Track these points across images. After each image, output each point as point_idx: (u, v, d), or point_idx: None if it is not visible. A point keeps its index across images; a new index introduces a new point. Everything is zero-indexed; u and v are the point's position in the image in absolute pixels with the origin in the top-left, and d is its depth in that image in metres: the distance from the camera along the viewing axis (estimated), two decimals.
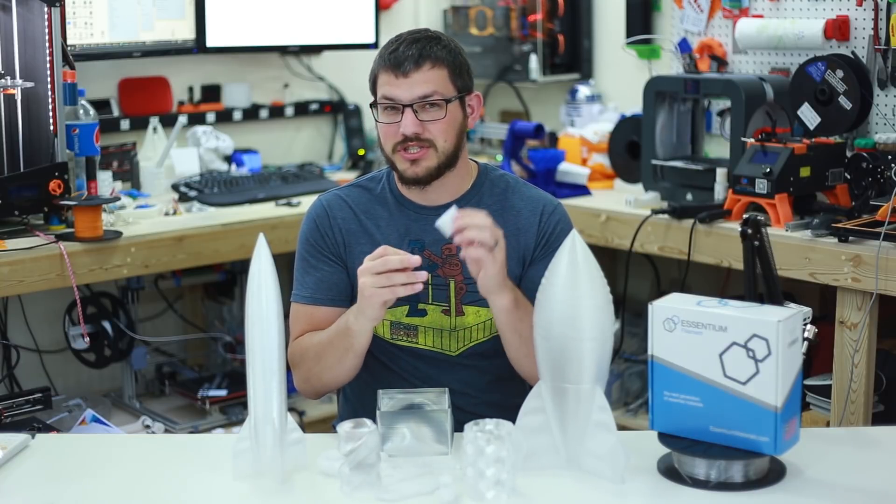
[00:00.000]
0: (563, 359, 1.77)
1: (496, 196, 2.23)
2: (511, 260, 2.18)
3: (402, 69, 2.10)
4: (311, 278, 2.21)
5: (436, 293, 2.18)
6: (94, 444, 2.18)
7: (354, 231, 2.21)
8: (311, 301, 2.20)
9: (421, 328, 2.19)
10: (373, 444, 1.76)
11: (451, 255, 2.17)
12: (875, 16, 3.20)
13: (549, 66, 4.24)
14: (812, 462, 1.83)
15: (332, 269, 2.20)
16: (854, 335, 2.80)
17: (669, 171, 3.44)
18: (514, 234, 2.19)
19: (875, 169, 3.04)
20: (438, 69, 2.12)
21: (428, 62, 2.11)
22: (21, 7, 2.99)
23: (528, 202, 2.24)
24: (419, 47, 2.11)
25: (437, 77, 2.12)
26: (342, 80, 4.31)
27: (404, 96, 2.11)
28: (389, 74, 2.12)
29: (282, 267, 1.87)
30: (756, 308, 1.76)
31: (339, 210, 2.23)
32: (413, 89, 2.10)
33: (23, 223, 3.04)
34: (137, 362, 3.65)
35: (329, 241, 2.21)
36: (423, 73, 2.10)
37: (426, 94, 2.11)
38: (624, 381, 3.87)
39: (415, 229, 2.20)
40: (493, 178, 2.26)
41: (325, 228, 2.22)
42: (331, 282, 2.20)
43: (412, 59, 2.10)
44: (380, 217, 2.22)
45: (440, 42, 2.14)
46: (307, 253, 2.23)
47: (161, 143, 3.76)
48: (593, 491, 1.77)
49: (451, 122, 2.14)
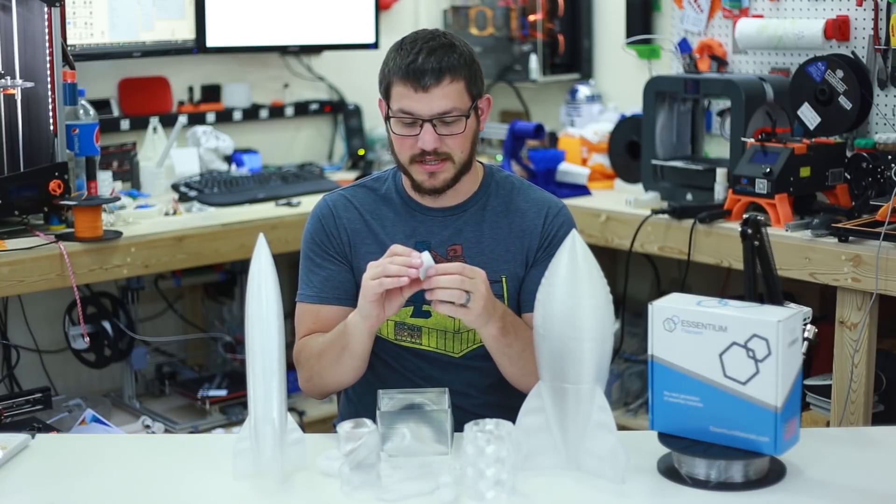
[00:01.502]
0: (563, 359, 1.77)
1: (502, 197, 2.24)
2: (515, 261, 2.19)
3: (423, 84, 2.06)
4: (317, 277, 2.20)
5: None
6: (94, 444, 2.18)
7: (360, 231, 2.21)
8: (317, 300, 2.19)
9: (425, 329, 2.19)
10: (373, 444, 1.76)
11: (456, 256, 2.18)
12: (875, 16, 3.20)
13: (549, 66, 4.24)
14: (812, 462, 1.83)
15: (337, 269, 2.20)
16: (854, 335, 2.80)
17: (669, 171, 3.44)
18: (518, 235, 2.20)
19: (875, 169, 3.04)
20: (457, 82, 2.08)
21: (447, 76, 2.07)
22: (21, 7, 2.99)
23: (534, 204, 2.23)
24: (438, 59, 2.06)
25: (455, 91, 2.08)
26: (342, 80, 4.31)
27: (424, 111, 2.07)
28: (408, 87, 2.07)
29: (282, 267, 1.87)
30: (756, 308, 1.76)
31: (344, 210, 2.23)
32: (433, 104, 2.07)
33: (23, 223, 3.04)
34: (137, 362, 3.65)
35: (335, 241, 2.21)
36: (442, 89, 2.07)
37: (446, 110, 2.08)
38: (624, 381, 3.87)
39: (421, 230, 2.20)
40: (498, 179, 2.26)
41: (330, 228, 2.22)
42: (336, 281, 2.19)
43: (432, 73, 2.05)
44: (385, 217, 2.22)
45: (456, 50, 2.10)
46: (312, 252, 2.22)
47: (161, 143, 3.76)
48: (593, 491, 1.77)
49: (468, 134, 2.13)
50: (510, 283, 2.18)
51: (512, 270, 2.19)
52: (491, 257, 2.18)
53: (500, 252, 2.19)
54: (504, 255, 2.19)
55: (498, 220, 2.21)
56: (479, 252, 2.18)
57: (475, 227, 2.20)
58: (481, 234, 2.20)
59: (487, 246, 2.19)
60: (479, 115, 2.18)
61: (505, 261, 2.19)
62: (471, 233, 2.20)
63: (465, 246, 2.19)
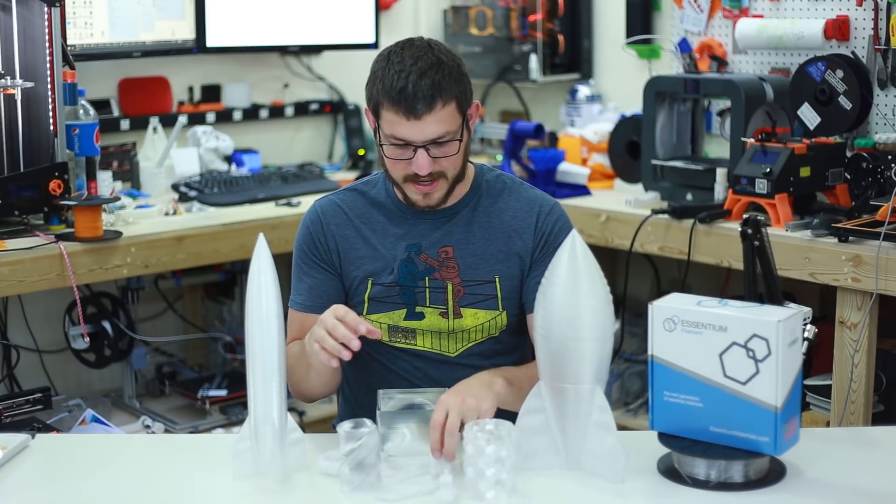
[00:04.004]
0: (563, 359, 1.77)
1: (492, 197, 2.22)
2: (508, 261, 2.18)
3: (415, 112, 2.01)
4: (304, 285, 2.21)
5: (433, 296, 2.17)
6: (94, 444, 2.18)
7: (349, 237, 2.20)
8: (303, 308, 2.20)
9: (419, 331, 2.19)
10: (373, 444, 1.76)
11: (447, 258, 2.17)
12: (875, 16, 3.20)
13: (549, 66, 4.24)
14: (812, 462, 1.83)
15: (323, 277, 2.20)
16: (854, 335, 2.80)
17: (669, 171, 3.44)
18: (510, 234, 2.19)
19: (875, 169, 3.04)
20: (448, 104, 2.04)
21: (439, 101, 2.02)
22: (21, 7, 2.99)
23: (525, 203, 2.22)
24: (429, 84, 2.01)
25: (448, 115, 2.05)
26: (342, 80, 4.31)
27: (416, 138, 2.05)
28: (399, 115, 2.03)
29: (282, 267, 1.87)
30: (756, 308, 1.76)
31: (332, 216, 2.22)
32: (425, 131, 2.04)
33: (23, 223, 3.04)
34: (137, 362, 3.65)
35: (321, 249, 2.20)
36: (435, 115, 2.03)
37: (439, 135, 2.05)
38: (624, 381, 3.87)
39: (412, 233, 2.19)
40: (489, 179, 2.25)
41: (318, 235, 2.21)
42: (321, 289, 2.19)
43: (424, 101, 2.00)
44: (376, 221, 2.21)
45: (444, 68, 2.03)
46: (300, 259, 2.22)
47: (161, 143, 3.76)
48: (593, 491, 1.77)
49: (461, 152, 2.11)
50: (504, 283, 2.18)
51: (505, 270, 2.18)
52: (483, 258, 2.18)
53: (492, 252, 2.18)
54: (496, 255, 2.18)
55: (489, 220, 2.20)
56: (471, 253, 2.18)
57: (465, 228, 2.19)
58: (471, 234, 2.19)
59: (479, 246, 2.18)
60: (470, 125, 2.14)
61: (497, 260, 2.18)
62: (461, 234, 2.18)
63: (456, 247, 2.18)
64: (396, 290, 2.17)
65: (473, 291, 2.17)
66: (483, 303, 2.17)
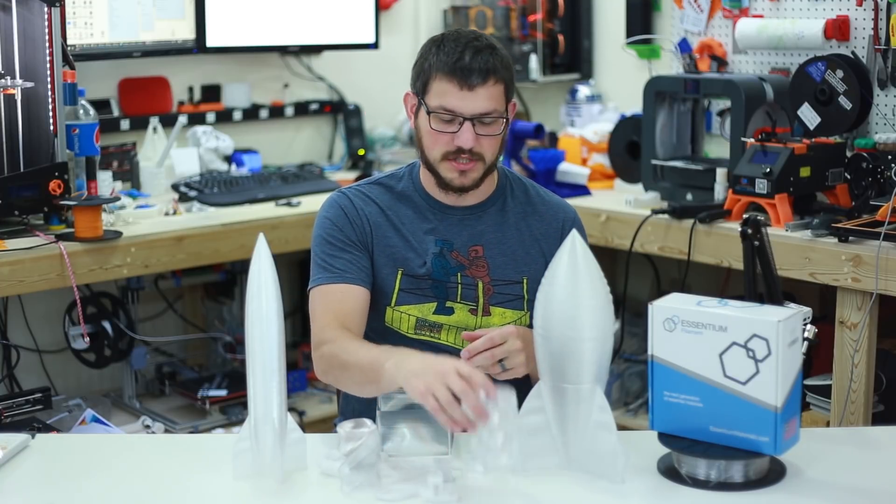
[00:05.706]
0: (563, 359, 1.77)
1: (518, 199, 2.27)
2: (535, 263, 2.22)
3: (469, 82, 2.07)
4: (341, 260, 2.17)
5: (465, 292, 2.19)
6: (94, 444, 2.18)
7: (381, 224, 2.21)
8: (342, 279, 2.14)
9: (445, 326, 2.20)
10: (373, 444, 1.76)
11: (477, 256, 2.20)
12: (875, 16, 3.20)
13: (549, 66, 4.24)
14: (812, 462, 1.83)
15: (361, 254, 2.18)
16: (854, 335, 2.80)
17: (669, 171, 3.44)
18: (537, 238, 2.24)
19: (875, 169, 3.04)
20: (499, 84, 2.10)
21: (492, 77, 2.08)
22: (21, 7, 2.99)
23: (550, 208, 2.28)
24: (485, 60, 2.07)
25: (497, 94, 2.10)
26: (342, 80, 4.31)
27: (466, 110, 2.09)
28: (452, 84, 2.08)
29: (282, 267, 1.87)
30: (756, 308, 1.76)
31: (364, 204, 2.23)
32: (476, 104, 2.08)
33: (23, 223, 3.04)
34: (137, 362, 3.65)
35: (357, 229, 2.19)
36: (487, 89, 2.08)
37: (487, 111, 2.09)
38: (624, 381, 3.87)
39: (441, 229, 2.21)
40: (512, 180, 2.30)
41: (353, 216, 2.20)
42: (361, 264, 2.18)
43: (479, 73, 2.07)
44: (404, 215, 2.22)
45: (498, 53, 2.11)
46: (333, 238, 2.18)
47: (161, 143, 3.76)
48: (593, 491, 1.77)
49: (501, 135, 2.15)
50: (531, 284, 2.20)
51: (532, 272, 2.20)
52: (513, 258, 2.22)
53: (521, 254, 2.23)
54: (525, 257, 2.23)
55: (518, 222, 2.24)
56: (501, 253, 2.21)
57: (497, 229, 2.23)
58: (503, 235, 2.23)
59: (509, 247, 2.22)
60: (509, 117, 2.18)
61: (525, 262, 2.22)
62: (492, 234, 2.22)
63: (487, 247, 2.21)
64: (429, 283, 2.18)
65: (502, 291, 2.20)
66: (511, 302, 2.20)
